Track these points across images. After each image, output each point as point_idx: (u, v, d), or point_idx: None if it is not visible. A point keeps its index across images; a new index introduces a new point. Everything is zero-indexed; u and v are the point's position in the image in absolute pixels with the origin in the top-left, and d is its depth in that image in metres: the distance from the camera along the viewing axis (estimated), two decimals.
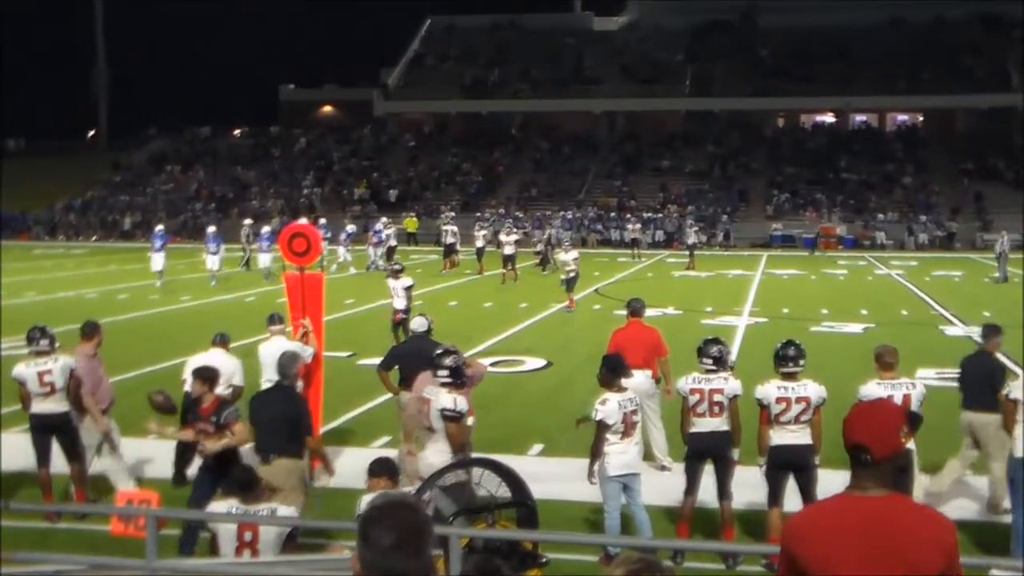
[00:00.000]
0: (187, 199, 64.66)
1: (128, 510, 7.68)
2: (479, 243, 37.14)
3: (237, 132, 77.96)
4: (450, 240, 38.64)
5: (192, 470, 11.11)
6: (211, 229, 34.61)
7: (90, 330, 10.86)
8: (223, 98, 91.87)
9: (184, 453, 11.01)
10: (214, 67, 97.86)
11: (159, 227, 34.62)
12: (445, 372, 8.72)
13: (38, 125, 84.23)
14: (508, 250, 33.54)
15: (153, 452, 11.87)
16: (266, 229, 35.35)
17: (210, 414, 8.71)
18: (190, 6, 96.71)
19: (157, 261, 31.57)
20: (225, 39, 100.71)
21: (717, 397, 9.00)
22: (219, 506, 7.10)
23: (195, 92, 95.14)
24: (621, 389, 8.83)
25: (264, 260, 34.07)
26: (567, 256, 27.27)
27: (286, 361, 9.30)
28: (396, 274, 19.60)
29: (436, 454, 8.47)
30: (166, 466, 11.00)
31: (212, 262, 32.59)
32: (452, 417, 8.48)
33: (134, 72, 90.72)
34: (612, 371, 8.91)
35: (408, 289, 19.25)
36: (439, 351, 8.98)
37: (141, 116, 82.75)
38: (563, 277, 26.97)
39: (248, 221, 42.88)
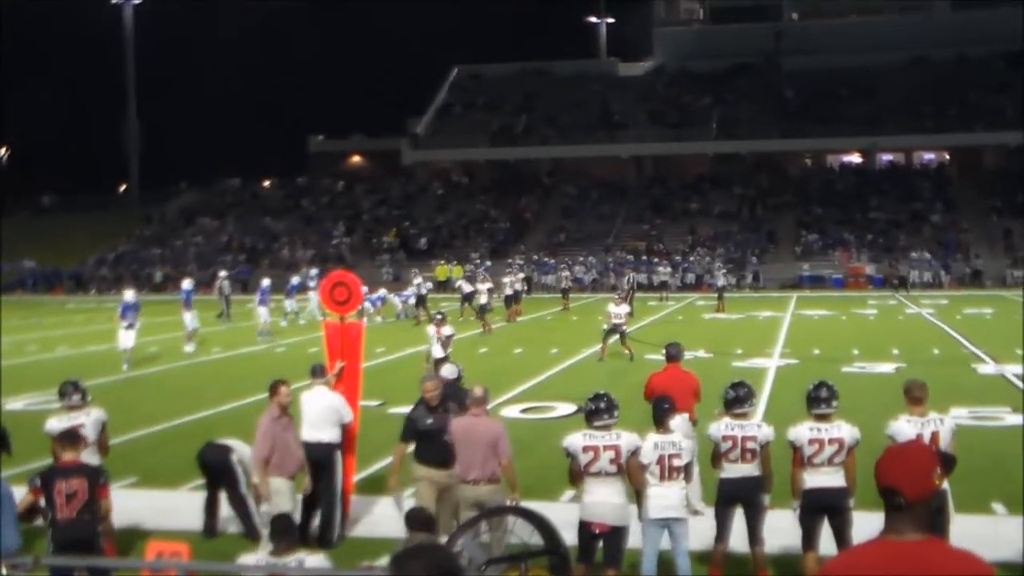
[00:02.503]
0: (218, 251, 65.14)
1: (157, 564, 7.66)
2: (508, 291, 37.13)
3: (267, 183, 78.66)
4: (468, 290, 38.09)
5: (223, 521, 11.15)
6: (128, 296, 26.44)
7: (271, 389, 10.41)
8: (253, 150, 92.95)
9: (212, 504, 11.04)
10: (243, 119, 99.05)
11: (186, 281, 32.07)
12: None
13: (70, 180, 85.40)
14: (483, 299, 33.18)
15: (182, 503, 11.88)
16: (266, 282, 33.97)
17: None
18: (219, 59, 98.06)
19: (189, 319, 28.69)
20: (254, 91, 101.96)
21: (750, 444, 8.93)
22: (248, 558, 7.09)
23: (225, 144, 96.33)
24: (667, 431, 8.84)
25: (263, 315, 31.64)
26: (618, 308, 25.27)
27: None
28: (439, 323, 19.65)
29: (618, 496, 8.54)
30: (196, 517, 11.00)
31: (125, 339, 25.00)
32: None
33: (165, 126, 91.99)
34: (658, 413, 8.98)
35: (449, 338, 19.33)
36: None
37: (172, 169, 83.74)
38: (606, 327, 25.27)
39: (223, 273, 41.25)
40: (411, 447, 10.07)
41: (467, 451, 9.36)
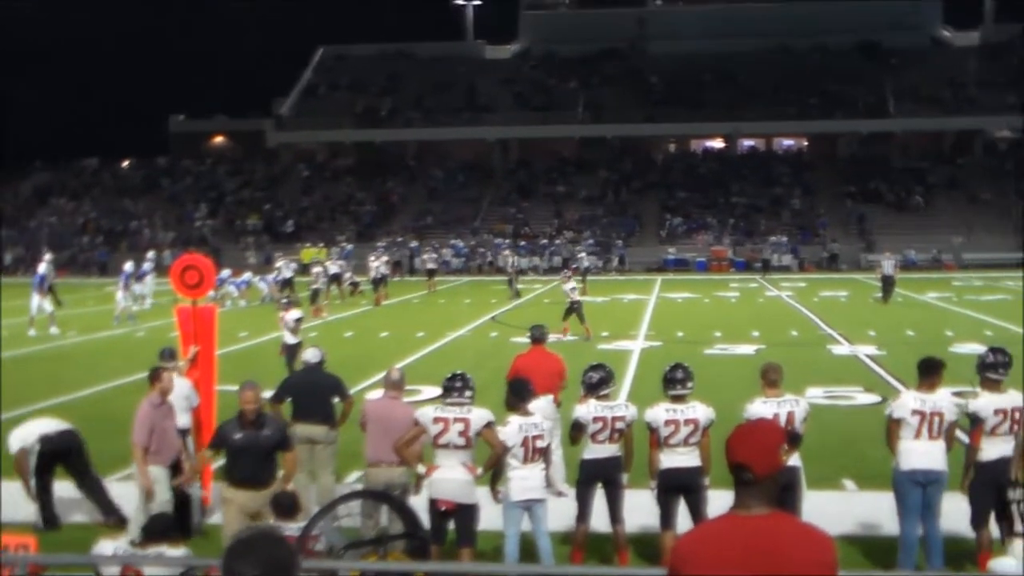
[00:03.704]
0: (74, 233, 63.12)
1: (3, 558, 7.39)
2: (374, 274, 36.88)
3: (125, 163, 76.35)
4: (333, 271, 37.19)
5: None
6: None
7: (152, 375, 10.05)
8: (111, 129, 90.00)
9: (47, 492, 10.68)
10: (101, 97, 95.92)
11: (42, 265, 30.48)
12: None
13: None
14: (318, 283, 33.15)
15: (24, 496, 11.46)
16: (128, 265, 32.78)
17: None
18: (75, 35, 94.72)
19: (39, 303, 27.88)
20: (111, 69, 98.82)
21: (619, 424, 9.03)
22: (105, 547, 6.90)
23: (81, 123, 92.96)
24: (527, 413, 8.83)
25: (121, 299, 30.80)
26: (565, 287, 26.98)
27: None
28: (286, 307, 19.39)
29: (463, 472, 8.47)
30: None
31: None
32: None
33: (16, 103, 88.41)
34: (517, 395, 8.92)
35: (298, 322, 19.03)
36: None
37: (24, 148, 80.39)
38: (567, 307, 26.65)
39: (48, 256, 39.93)
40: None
41: (381, 434, 9.20)
